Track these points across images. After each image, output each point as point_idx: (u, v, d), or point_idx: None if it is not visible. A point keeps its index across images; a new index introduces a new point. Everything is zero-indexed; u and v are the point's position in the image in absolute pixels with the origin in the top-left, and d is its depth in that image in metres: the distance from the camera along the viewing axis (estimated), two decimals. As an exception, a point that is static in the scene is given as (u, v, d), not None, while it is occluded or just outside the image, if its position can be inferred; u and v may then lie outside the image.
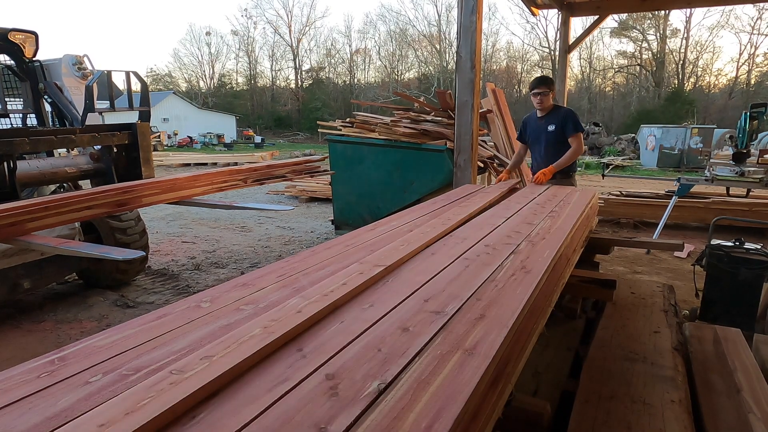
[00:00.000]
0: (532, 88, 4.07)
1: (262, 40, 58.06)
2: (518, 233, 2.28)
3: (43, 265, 3.90)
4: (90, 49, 76.91)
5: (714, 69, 37.83)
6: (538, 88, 3.99)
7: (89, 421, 0.85)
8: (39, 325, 3.87)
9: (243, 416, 0.89)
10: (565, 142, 3.99)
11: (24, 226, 2.82)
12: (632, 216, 7.25)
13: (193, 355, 1.08)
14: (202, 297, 1.51)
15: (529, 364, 2.32)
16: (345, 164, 6.24)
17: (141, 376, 1.03)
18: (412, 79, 42.96)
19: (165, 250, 6.16)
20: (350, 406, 0.91)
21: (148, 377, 1.00)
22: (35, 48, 4.52)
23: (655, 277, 4.95)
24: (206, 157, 20.25)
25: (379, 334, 1.23)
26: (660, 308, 3.10)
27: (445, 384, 1.00)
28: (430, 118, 5.90)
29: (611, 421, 1.88)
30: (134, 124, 4.24)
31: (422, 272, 1.72)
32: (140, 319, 1.34)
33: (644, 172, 14.89)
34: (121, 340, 1.20)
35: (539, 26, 39.61)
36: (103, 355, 1.13)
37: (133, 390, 0.94)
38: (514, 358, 1.42)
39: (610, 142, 21.35)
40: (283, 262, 1.89)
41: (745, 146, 5.49)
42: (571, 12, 7.80)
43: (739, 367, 2.23)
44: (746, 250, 3.39)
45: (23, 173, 3.67)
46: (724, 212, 6.10)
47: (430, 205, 3.08)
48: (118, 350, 1.15)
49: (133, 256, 2.70)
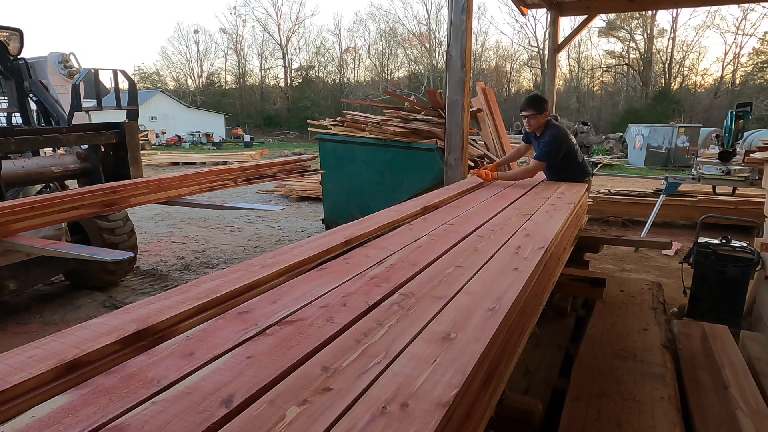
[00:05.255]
0: (520, 110, 3.93)
1: (251, 38, 57.98)
2: (507, 228, 2.29)
3: (29, 267, 3.84)
4: (76, 47, 76.17)
5: (700, 69, 38.42)
6: (525, 111, 3.84)
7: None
8: (25, 327, 3.81)
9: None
10: (555, 163, 3.87)
11: (9, 226, 2.78)
12: (621, 214, 7.31)
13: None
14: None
15: (521, 363, 2.33)
16: (335, 163, 6.22)
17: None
18: (402, 78, 42.98)
19: (154, 251, 6.10)
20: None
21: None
22: (20, 46, 4.45)
23: (644, 275, 4.99)
24: (195, 157, 20.08)
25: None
26: (649, 306, 3.13)
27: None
28: (421, 117, 5.90)
29: (602, 419, 1.90)
30: (122, 123, 4.20)
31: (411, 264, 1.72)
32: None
33: (632, 171, 15.04)
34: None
35: (528, 25, 39.93)
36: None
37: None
38: (506, 356, 1.43)
39: (599, 141, 21.53)
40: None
41: (731, 145, 5.55)
42: (560, 11, 7.84)
43: (726, 363, 2.26)
44: (733, 248, 3.44)
45: (8, 173, 3.61)
46: (710, 210, 6.17)
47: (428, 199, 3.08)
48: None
49: (122, 257, 2.68)
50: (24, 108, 4.61)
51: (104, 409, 0.91)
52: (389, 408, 0.92)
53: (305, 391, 0.97)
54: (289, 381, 1.01)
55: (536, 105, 3.83)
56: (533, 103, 3.85)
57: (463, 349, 1.14)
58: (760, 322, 3.27)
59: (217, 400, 0.94)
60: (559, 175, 3.98)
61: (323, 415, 0.89)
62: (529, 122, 3.86)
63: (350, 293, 1.50)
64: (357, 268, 1.74)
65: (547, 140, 3.78)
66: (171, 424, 0.87)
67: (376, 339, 1.20)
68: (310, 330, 1.25)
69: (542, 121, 3.85)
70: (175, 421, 0.88)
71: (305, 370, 1.06)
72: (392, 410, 0.91)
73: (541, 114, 3.82)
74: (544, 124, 3.87)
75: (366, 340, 1.20)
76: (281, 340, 1.19)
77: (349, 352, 1.13)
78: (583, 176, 3.96)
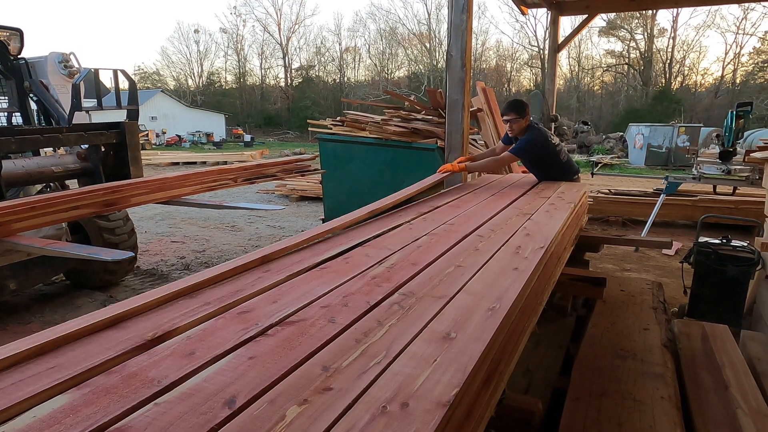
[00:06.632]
0: (502, 115, 3.96)
1: (251, 38, 58.02)
2: (508, 227, 2.29)
3: (30, 266, 3.84)
4: (76, 46, 76.14)
5: (700, 68, 38.36)
6: (507, 115, 3.85)
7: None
8: (26, 327, 3.81)
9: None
10: (536, 163, 3.95)
11: (10, 226, 2.78)
12: (621, 214, 7.31)
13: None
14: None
15: (521, 362, 2.33)
16: (335, 163, 6.21)
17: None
18: (402, 77, 42.97)
19: (154, 250, 6.10)
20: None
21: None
22: (20, 45, 4.45)
23: (644, 274, 4.99)
24: (195, 156, 20.08)
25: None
26: (649, 305, 3.13)
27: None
28: (421, 116, 5.90)
29: (602, 418, 1.90)
30: (122, 122, 4.20)
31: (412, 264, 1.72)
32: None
33: (632, 171, 15.02)
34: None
35: (528, 25, 39.80)
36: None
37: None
38: (507, 356, 1.43)
39: (599, 140, 21.54)
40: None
41: (731, 145, 5.55)
42: (560, 11, 7.83)
43: (726, 363, 2.26)
44: (733, 248, 3.44)
45: (9, 173, 3.61)
46: (711, 210, 6.17)
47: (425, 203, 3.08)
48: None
49: (122, 256, 2.68)
50: (24, 108, 4.61)
51: (105, 409, 0.91)
52: (389, 408, 0.92)
53: (305, 391, 0.97)
54: (289, 381, 1.01)
55: (518, 109, 3.83)
56: (515, 107, 3.86)
57: (463, 349, 1.14)
58: (760, 322, 3.27)
59: (220, 401, 0.94)
60: (548, 176, 4.00)
61: (323, 415, 0.89)
62: (512, 126, 3.87)
63: (351, 293, 1.50)
64: (357, 267, 1.75)
65: (525, 139, 3.82)
66: (174, 426, 0.87)
67: (377, 339, 1.20)
68: (312, 330, 1.24)
69: (524, 125, 3.85)
70: (178, 422, 0.88)
71: (305, 370, 1.06)
72: (392, 410, 0.91)
73: (523, 118, 3.83)
74: (525, 129, 3.88)
75: (366, 339, 1.20)
76: (283, 340, 1.19)
77: (350, 352, 1.13)
78: (570, 175, 4.01)
